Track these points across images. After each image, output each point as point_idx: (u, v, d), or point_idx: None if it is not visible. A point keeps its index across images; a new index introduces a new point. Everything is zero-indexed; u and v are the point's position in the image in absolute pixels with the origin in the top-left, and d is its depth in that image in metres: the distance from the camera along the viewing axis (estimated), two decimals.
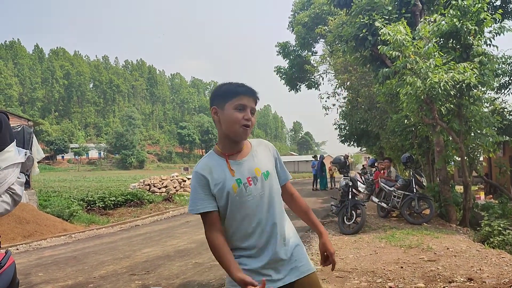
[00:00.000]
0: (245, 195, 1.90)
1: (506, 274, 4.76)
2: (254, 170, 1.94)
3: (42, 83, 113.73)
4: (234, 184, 1.89)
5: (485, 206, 11.84)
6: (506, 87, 13.15)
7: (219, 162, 1.96)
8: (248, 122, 1.91)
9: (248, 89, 1.96)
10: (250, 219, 1.91)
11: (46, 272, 6.04)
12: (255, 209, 1.91)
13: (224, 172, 1.92)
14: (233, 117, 1.90)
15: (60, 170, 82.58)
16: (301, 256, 2.01)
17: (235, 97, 1.92)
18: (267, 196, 1.94)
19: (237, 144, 1.98)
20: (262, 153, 2.04)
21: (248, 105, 1.93)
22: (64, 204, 11.80)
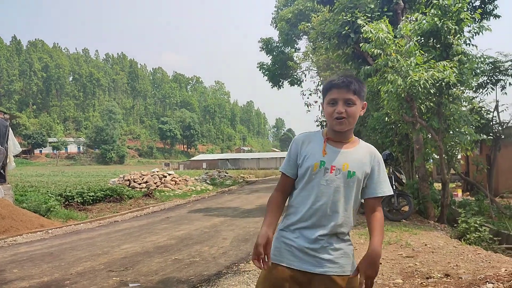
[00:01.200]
0: (320, 178, 1.97)
1: (482, 270, 4.85)
2: (343, 163, 1.98)
3: (19, 75, 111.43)
4: (317, 163, 1.97)
5: (462, 203, 12.04)
6: (484, 87, 13.38)
7: (319, 139, 2.06)
8: (339, 115, 1.96)
9: (340, 82, 1.99)
10: (314, 200, 1.97)
11: (21, 268, 5.90)
12: (322, 195, 1.96)
13: (318, 149, 2.01)
14: (327, 112, 2.01)
15: (38, 164, 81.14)
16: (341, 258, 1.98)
17: (328, 92, 2.02)
18: (340, 192, 1.96)
19: (340, 135, 2.03)
20: (361, 156, 2.03)
21: (340, 97, 1.97)
22: (41, 199, 11.56)
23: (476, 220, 7.85)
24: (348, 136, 2.05)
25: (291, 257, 1.98)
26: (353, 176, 1.97)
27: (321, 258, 1.95)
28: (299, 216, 2.00)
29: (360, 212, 10.15)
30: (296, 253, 1.97)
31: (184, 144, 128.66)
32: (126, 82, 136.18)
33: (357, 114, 2.01)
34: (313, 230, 1.97)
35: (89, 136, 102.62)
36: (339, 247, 1.98)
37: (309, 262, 1.95)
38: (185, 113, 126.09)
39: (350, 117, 1.97)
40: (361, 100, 2.02)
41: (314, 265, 1.95)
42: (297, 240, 1.99)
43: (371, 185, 2.04)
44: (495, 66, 12.84)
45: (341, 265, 1.96)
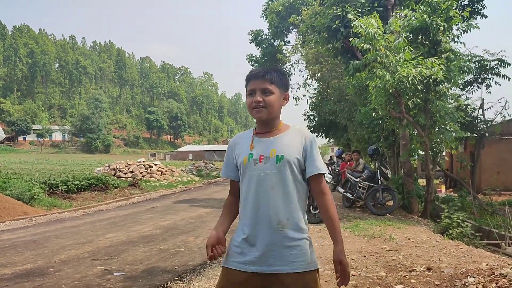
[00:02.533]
0: (252, 170, 1.98)
1: (464, 264, 4.93)
2: (271, 151, 1.99)
3: (4, 61, 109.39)
4: (246, 157, 2.01)
5: (445, 199, 12.25)
6: (470, 85, 13.54)
7: (248, 136, 2.11)
8: (257, 104, 1.99)
9: (257, 72, 2.05)
10: (251, 194, 1.98)
11: (4, 255, 5.84)
12: (258, 186, 1.96)
13: (246, 145, 2.06)
14: (247, 103, 2.07)
15: (22, 151, 79.99)
16: (297, 252, 1.92)
17: (247, 83, 2.07)
18: (274, 178, 1.95)
19: (264, 125, 2.06)
20: (291, 139, 2.03)
21: (257, 87, 2.01)
22: (25, 186, 11.41)
23: (459, 216, 7.99)
24: (274, 125, 2.06)
25: (238, 259, 1.96)
26: (282, 159, 1.95)
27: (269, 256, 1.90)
28: (242, 214, 2.01)
29: (345, 205, 10.19)
30: (242, 255, 1.95)
31: (171, 134, 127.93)
32: (113, 71, 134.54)
33: (277, 104, 2.02)
34: (255, 227, 1.94)
35: (74, 124, 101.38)
36: (286, 242, 1.91)
37: (255, 263, 1.91)
38: (173, 103, 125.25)
39: (269, 106, 1.99)
40: (280, 90, 2.04)
41: (261, 265, 1.91)
42: (241, 241, 1.98)
43: (307, 165, 2.02)
44: (481, 64, 13.00)
45: (290, 261, 1.90)
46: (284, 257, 1.90)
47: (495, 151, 16.74)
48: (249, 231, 1.96)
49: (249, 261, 1.92)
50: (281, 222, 1.92)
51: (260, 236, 1.92)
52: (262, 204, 1.93)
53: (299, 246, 1.93)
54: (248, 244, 1.95)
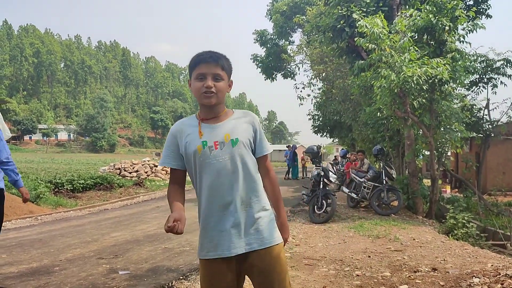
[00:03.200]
0: (209, 157, 1.97)
1: (469, 265, 4.92)
2: (224, 135, 1.99)
3: (10, 60, 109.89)
4: (200, 145, 1.98)
5: (450, 200, 12.21)
6: (476, 85, 13.49)
7: (194, 123, 2.06)
8: (208, 90, 1.96)
9: (207, 56, 2.00)
10: (211, 181, 1.96)
11: (10, 254, 5.87)
12: (219, 172, 1.96)
13: (194, 133, 2.01)
14: (194, 87, 2.01)
15: (27, 151, 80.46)
16: (263, 228, 1.99)
17: (195, 67, 2.01)
18: (233, 162, 1.97)
19: (210, 110, 2.04)
20: (240, 122, 2.06)
21: (209, 72, 1.98)
22: (31, 185, 11.47)
23: (464, 216, 7.97)
24: (220, 110, 2.06)
25: (213, 248, 1.96)
26: (238, 142, 1.98)
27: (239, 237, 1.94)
28: (204, 204, 2.00)
29: (350, 205, 10.18)
30: (216, 242, 1.96)
31: None
32: (118, 70, 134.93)
33: (225, 90, 2.03)
34: (221, 212, 1.96)
35: (79, 124, 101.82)
36: (255, 219, 1.97)
37: (229, 247, 1.94)
38: (177, 103, 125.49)
39: (219, 91, 1.98)
40: (228, 76, 2.05)
41: (235, 247, 1.94)
42: (211, 229, 1.98)
43: (256, 146, 2.09)
44: (487, 64, 12.95)
45: (257, 238, 1.97)
46: (251, 235, 1.96)
47: (500, 151, 16.66)
48: (216, 217, 1.96)
49: (222, 246, 1.94)
50: (244, 201, 1.98)
51: (228, 221, 1.95)
52: (225, 189, 1.95)
53: (264, 222, 2.01)
54: (218, 231, 1.96)
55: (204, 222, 2.02)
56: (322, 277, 4.68)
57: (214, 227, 1.97)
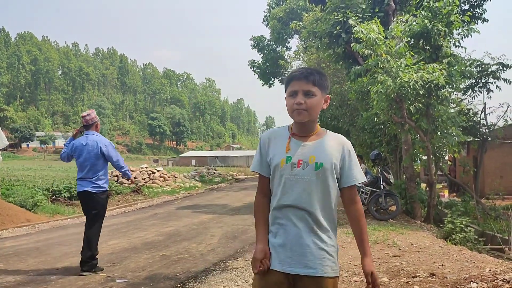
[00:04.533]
0: (289, 174, 1.96)
1: (467, 270, 4.92)
2: (309, 156, 1.96)
3: (7, 68, 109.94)
4: (284, 159, 1.97)
5: (448, 204, 12.18)
6: (472, 89, 13.52)
7: (284, 135, 2.05)
8: (298, 106, 1.94)
9: (300, 73, 2.00)
10: (287, 197, 1.96)
11: (7, 263, 5.85)
12: (293, 190, 1.95)
13: (282, 145, 2.01)
14: (287, 105, 2.01)
15: (25, 158, 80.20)
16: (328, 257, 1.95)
17: (288, 84, 2.02)
18: (312, 185, 1.94)
19: (303, 128, 2.02)
20: (329, 146, 2.00)
21: (300, 89, 1.96)
22: (28, 193, 11.43)
23: (462, 221, 7.95)
24: (312, 129, 2.03)
25: (274, 260, 1.96)
26: (321, 167, 1.94)
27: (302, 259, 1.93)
28: (275, 216, 2.01)
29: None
30: (278, 255, 1.96)
31: (174, 140, 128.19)
32: (116, 77, 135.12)
33: (318, 106, 1.99)
34: (289, 229, 1.95)
35: None
36: (319, 247, 1.94)
37: (289, 263, 1.93)
38: (175, 109, 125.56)
39: (310, 108, 1.95)
40: (322, 92, 2.00)
41: (295, 266, 1.93)
42: (276, 241, 1.98)
43: (344, 174, 2.02)
44: (482, 69, 12.99)
45: (322, 265, 1.93)
46: (316, 260, 1.93)
47: (498, 155, 16.68)
48: (285, 231, 1.96)
49: (284, 262, 1.94)
50: (315, 226, 1.95)
51: (296, 238, 1.94)
52: (299, 207, 1.94)
53: (331, 251, 1.98)
54: (282, 245, 1.96)
55: (271, 233, 2.02)
56: None
57: (281, 241, 1.96)
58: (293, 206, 1.95)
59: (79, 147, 5.39)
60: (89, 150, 5.34)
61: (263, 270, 1.96)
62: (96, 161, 5.38)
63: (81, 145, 5.38)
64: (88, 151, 5.34)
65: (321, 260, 1.93)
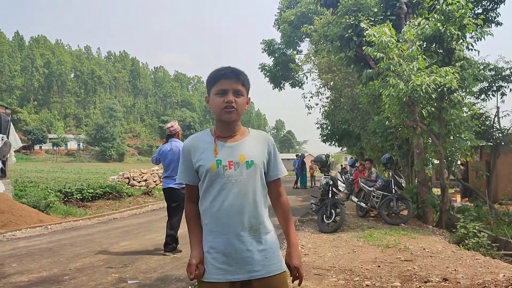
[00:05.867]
0: (222, 177, 1.92)
1: (480, 275, 4.86)
2: (239, 156, 1.95)
3: (21, 71, 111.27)
4: (214, 164, 1.93)
5: (461, 209, 12.07)
6: (485, 93, 13.40)
7: (208, 140, 2.01)
8: (229, 105, 1.93)
9: (228, 72, 1.97)
10: (221, 201, 1.92)
11: (20, 263, 5.91)
12: (228, 192, 1.92)
13: (209, 150, 1.96)
14: (215, 103, 1.96)
15: (38, 160, 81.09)
16: (270, 255, 1.95)
17: (216, 82, 1.97)
18: (246, 185, 1.93)
19: (228, 128, 2.00)
20: (255, 143, 2.02)
21: (230, 87, 1.95)
22: (41, 194, 11.55)
23: (475, 226, 7.86)
24: (237, 128, 2.02)
25: (216, 271, 1.91)
26: (252, 164, 1.94)
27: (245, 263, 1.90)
28: (211, 222, 1.94)
29: (359, 215, 10.11)
30: (219, 265, 1.90)
31: None
32: (127, 80, 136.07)
33: (244, 106, 1.99)
34: (228, 234, 1.91)
35: (89, 133, 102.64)
36: (262, 246, 1.93)
37: (233, 271, 1.90)
38: (186, 112, 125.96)
39: (239, 107, 1.95)
40: (247, 92, 2.02)
41: (239, 273, 1.89)
42: (215, 250, 1.92)
43: (270, 168, 2.04)
44: (496, 72, 12.88)
45: (266, 265, 1.92)
46: (260, 262, 1.92)
47: (511, 160, 16.48)
48: (222, 239, 1.91)
49: (226, 271, 1.90)
50: (253, 227, 1.93)
51: (235, 244, 1.90)
52: (235, 211, 1.91)
53: (272, 249, 1.97)
54: (222, 253, 1.91)
55: (209, 243, 1.95)
56: (331, 287, 4.65)
57: (219, 250, 1.92)
58: (229, 210, 1.90)
59: (165, 151, 6.53)
60: (173, 154, 6.42)
61: (199, 275, 1.91)
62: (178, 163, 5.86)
63: (167, 150, 6.51)
64: (173, 155, 6.43)
65: (263, 261, 1.92)
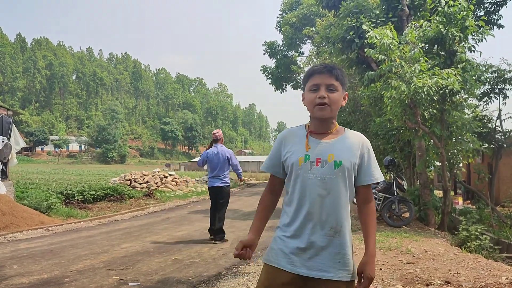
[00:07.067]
0: (307, 172, 1.90)
1: (482, 278, 4.83)
2: (328, 154, 1.90)
3: (23, 72, 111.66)
4: (302, 157, 1.91)
5: (463, 211, 12.03)
6: (487, 95, 13.38)
7: (302, 134, 1.98)
8: (321, 100, 1.90)
9: (323, 67, 1.95)
10: (303, 196, 1.90)
11: (21, 265, 5.90)
12: (312, 189, 1.89)
13: (300, 144, 1.94)
14: (308, 99, 1.95)
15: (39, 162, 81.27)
16: (346, 260, 1.90)
17: (309, 78, 1.96)
18: (331, 184, 1.88)
19: (321, 125, 1.96)
20: (348, 144, 1.95)
21: (322, 82, 1.92)
22: (42, 196, 11.56)
23: (477, 228, 7.84)
24: (331, 126, 1.98)
25: (285, 260, 1.89)
26: (340, 165, 1.88)
27: (318, 261, 1.87)
28: (290, 216, 1.93)
29: None
30: (290, 255, 1.89)
31: (186, 145, 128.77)
32: (129, 82, 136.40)
33: (339, 102, 1.94)
34: (305, 229, 1.89)
35: (91, 135, 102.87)
36: (339, 249, 1.89)
37: (303, 265, 1.87)
38: (187, 114, 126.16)
39: (333, 103, 1.91)
40: (343, 88, 1.96)
41: (309, 269, 1.87)
42: (290, 241, 1.91)
43: (362, 172, 1.96)
44: (498, 75, 12.85)
45: (337, 269, 1.87)
46: (332, 264, 1.87)
47: None
48: (299, 233, 1.89)
49: (296, 263, 1.88)
50: (333, 228, 1.89)
51: (311, 240, 1.87)
52: (316, 208, 1.88)
53: (347, 255, 1.91)
54: (297, 245, 1.89)
55: (286, 231, 1.94)
56: None
57: (296, 241, 1.90)
58: (311, 206, 1.88)
59: (212, 155, 7.53)
60: (219, 157, 7.45)
61: (243, 256, 1.93)
62: (224, 165, 7.50)
63: (214, 154, 7.52)
64: (218, 158, 7.46)
65: (336, 264, 1.87)
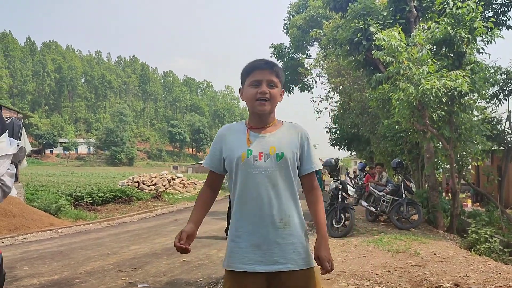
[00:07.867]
0: (251, 167, 1.92)
1: (492, 281, 4.80)
2: (270, 147, 1.94)
3: (33, 76, 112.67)
4: (244, 153, 1.93)
5: (472, 214, 11.95)
6: (497, 97, 13.27)
7: (242, 129, 2.02)
8: (263, 96, 1.93)
9: (262, 63, 1.98)
10: (250, 192, 1.92)
11: (32, 266, 5.97)
12: (259, 184, 1.91)
13: (242, 139, 1.97)
14: (248, 94, 1.97)
15: (48, 164, 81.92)
16: (300, 249, 1.92)
17: (249, 73, 1.98)
18: (275, 176, 1.92)
19: (261, 119, 2.00)
20: (287, 135, 2.00)
21: (264, 78, 1.95)
22: (52, 198, 11.68)
23: (487, 231, 7.78)
24: (270, 120, 2.01)
25: (242, 260, 1.90)
26: (282, 157, 1.92)
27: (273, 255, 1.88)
28: (239, 211, 1.95)
29: (368, 219, 10.07)
30: (246, 255, 1.90)
31: (193, 147, 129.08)
32: (137, 85, 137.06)
33: (278, 98, 1.98)
34: (256, 225, 1.90)
35: (99, 138, 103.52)
36: (292, 239, 1.90)
37: (260, 262, 1.88)
38: (195, 116, 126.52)
39: (273, 98, 1.95)
40: (281, 84, 2.00)
41: (266, 264, 1.88)
42: (243, 241, 1.92)
43: (304, 161, 2.01)
44: (508, 76, 12.75)
45: (293, 259, 1.89)
46: (287, 255, 1.89)
47: None
48: (250, 229, 1.91)
49: (254, 261, 1.89)
50: (283, 219, 1.91)
51: (263, 235, 1.90)
52: (264, 202, 1.90)
53: (301, 243, 1.94)
54: (250, 243, 1.90)
55: (236, 232, 1.96)
56: None
57: (247, 239, 1.91)
58: (258, 200, 1.90)
59: None
60: None
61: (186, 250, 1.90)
62: None
63: None
64: None
65: (291, 254, 1.89)
